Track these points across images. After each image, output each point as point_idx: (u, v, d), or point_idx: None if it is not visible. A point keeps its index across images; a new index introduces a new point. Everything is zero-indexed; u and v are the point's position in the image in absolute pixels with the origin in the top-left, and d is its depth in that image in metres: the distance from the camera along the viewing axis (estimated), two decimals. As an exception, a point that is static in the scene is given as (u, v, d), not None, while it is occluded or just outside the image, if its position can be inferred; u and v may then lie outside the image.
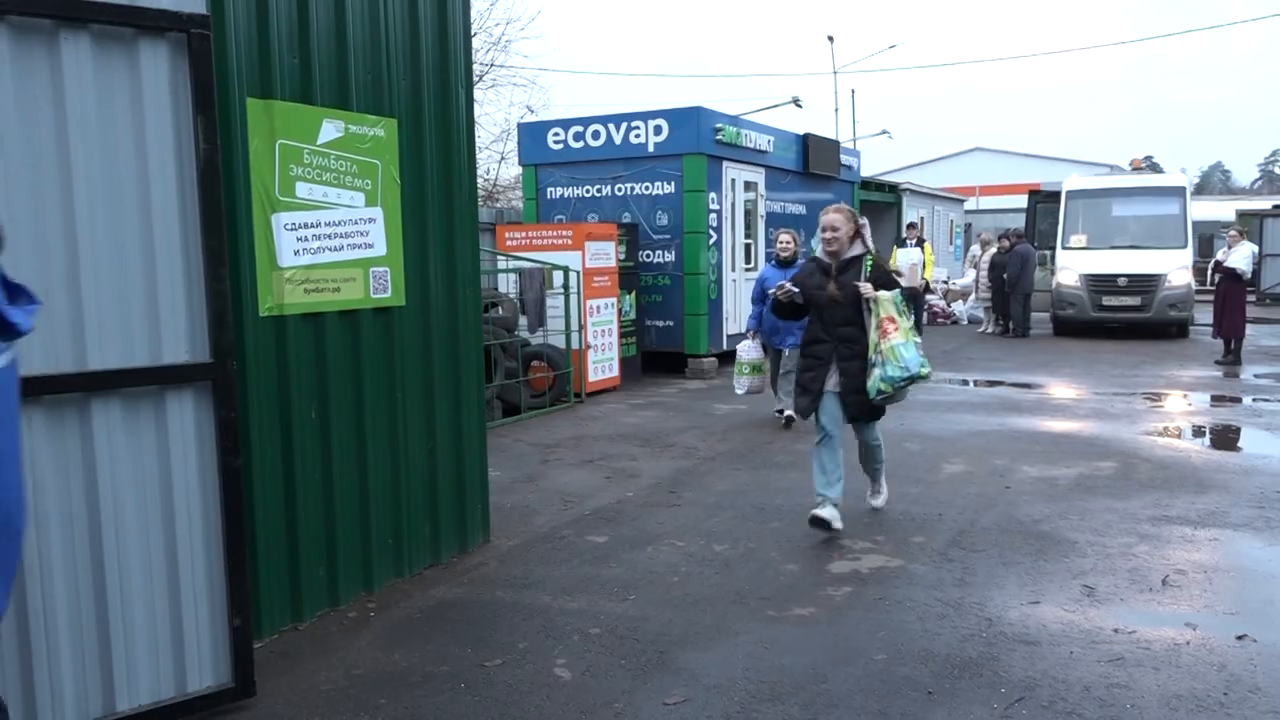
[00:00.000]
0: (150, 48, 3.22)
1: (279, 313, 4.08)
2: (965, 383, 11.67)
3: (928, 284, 15.68)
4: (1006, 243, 17.55)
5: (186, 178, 3.30)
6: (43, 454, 3.06)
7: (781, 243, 8.62)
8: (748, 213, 13.54)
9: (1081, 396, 10.34)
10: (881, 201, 20.22)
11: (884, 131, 34.14)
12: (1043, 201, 18.55)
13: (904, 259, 14.93)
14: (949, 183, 32.38)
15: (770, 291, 7.56)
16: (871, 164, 25.66)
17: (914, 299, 14.14)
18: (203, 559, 3.40)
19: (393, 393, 4.65)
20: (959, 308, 20.33)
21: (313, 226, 4.24)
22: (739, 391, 8.66)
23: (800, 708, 3.43)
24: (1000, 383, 11.54)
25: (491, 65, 24.09)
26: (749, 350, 8.62)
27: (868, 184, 19.16)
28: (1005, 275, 17.05)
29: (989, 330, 18.00)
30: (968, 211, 28.63)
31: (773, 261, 8.70)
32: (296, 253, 4.15)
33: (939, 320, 19.99)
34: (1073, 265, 16.60)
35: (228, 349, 3.37)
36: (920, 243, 15.45)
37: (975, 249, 19.25)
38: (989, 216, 30.55)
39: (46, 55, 3.03)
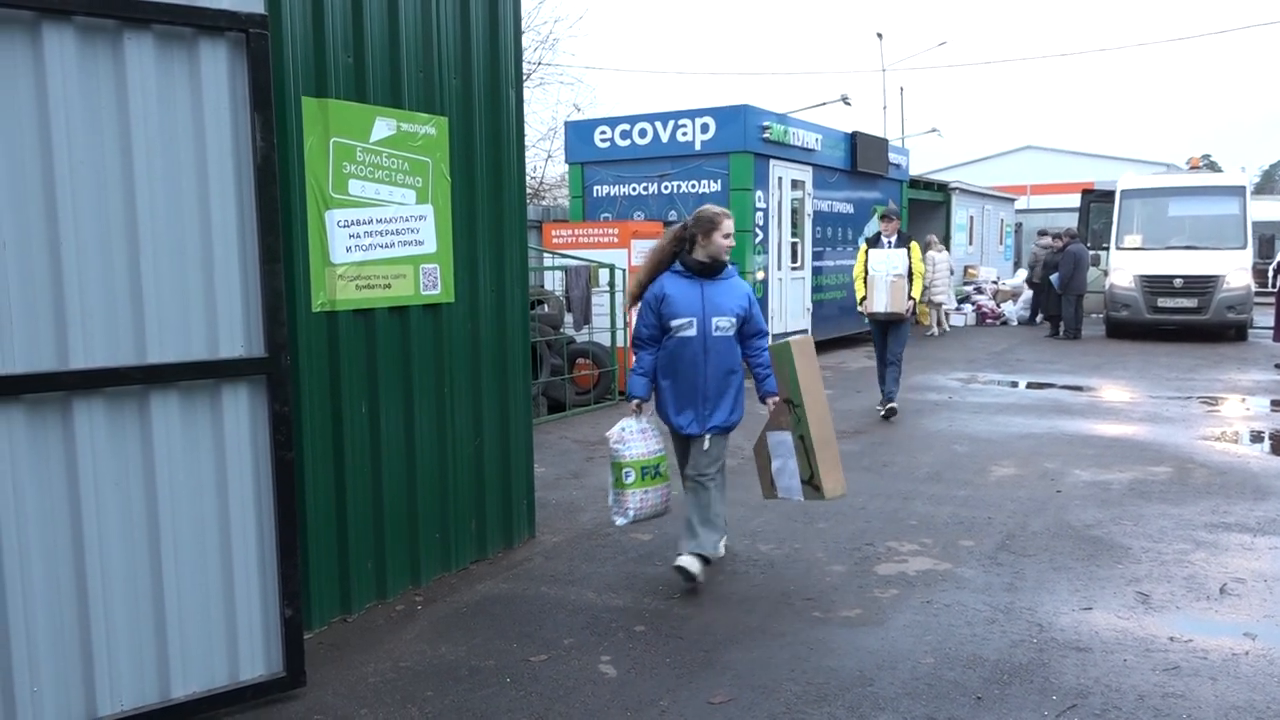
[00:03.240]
0: (210, 47, 3.28)
1: (331, 308, 4.14)
2: (1015, 384, 11.49)
3: (915, 307, 9.23)
4: (1058, 241, 17.26)
5: (244, 175, 3.36)
6: (103, 445, 3.13)
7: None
8: (794, 211, 13.46)
9: (1135, 400, 10.14)
10: (930, 200, 19.99)
11: (933, 129, 33.73)
12: (1096, 200, 18.20)
13: (881, 267, 9.00)
14: (999, 181, 31.93)
15: (673, 325, 4.47)
16: (920, 162, 25.39)
17: (894, 329, 9.13)
18: (255, 550, 3.46)
19: (441, 389, 4.69)
20: (1008, 308, 20.04)
21: (365, 223, 4.29)
22: (619, 520, 4.66)
23: (847, 710, 3.41)
24: (1050, 385, 11.34)
25: (539, 63, 24.22)
26: (635, 436, 4.58)
27: (916, 183, 18.95)
28: (1056, 276, 16.77)
29: (933, 331, 17.48)
30: (1019, 211, 28.18)
31: (676, 266, 4.60)
32: (349, 249, 4.21)
33: (988, 321, 19.73)
34: (1127, 266, 16.27)
35: (282, 344, 3.42)
36: (905, 240, 9.13)
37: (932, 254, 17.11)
38: (1040, 216, 30.05)
39: (110, 55, 3.10)
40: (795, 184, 13.41)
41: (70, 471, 3.08)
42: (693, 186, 12.51)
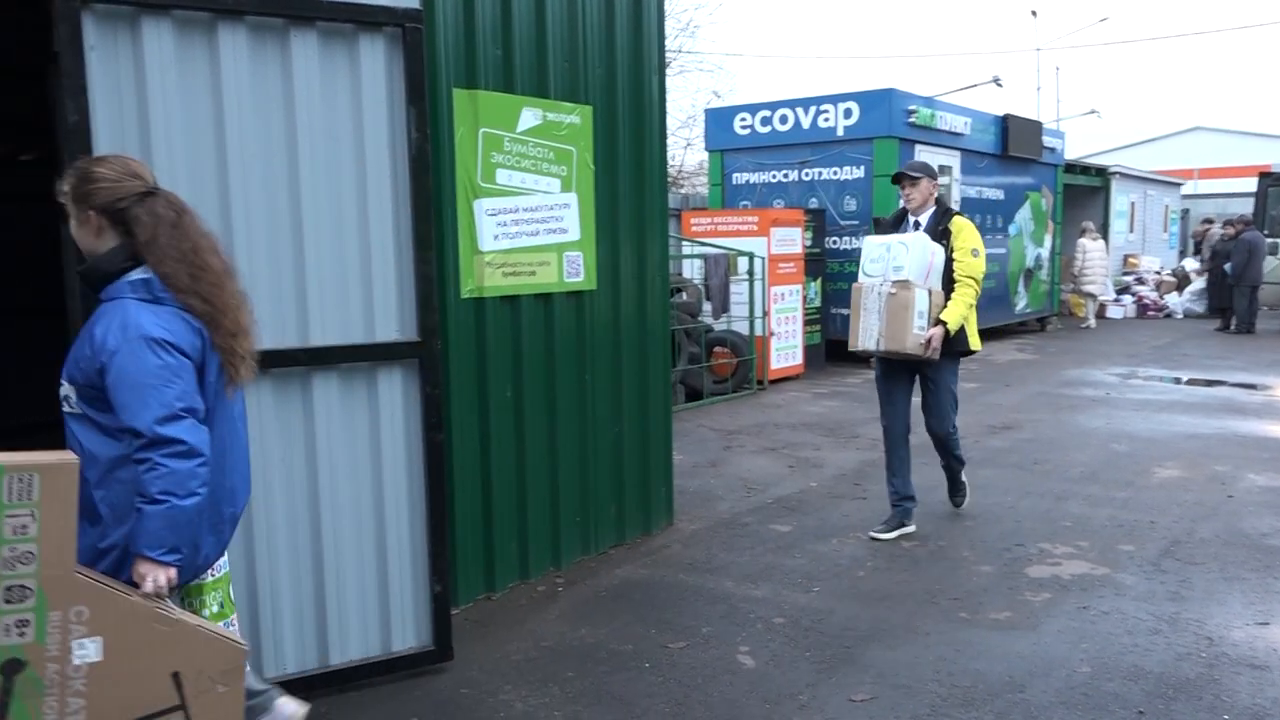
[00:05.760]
0: (369, 42, 3.40)
1: (479, 295, 4.24)
2: (1179, 381, 10.80)
3: (951, 337, 4.86)
4: (1231, 229, 16.11)
5: (399, 166, 3.47)
6: (270, 424, 3.30)
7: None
8: (941, 198, 13.01)
9: (1318, 399, 9.37)
10: (1088, 185, 18.96)
11: (1092, 111, 32.00)
12: (1275, 184, 16.89)
13: (877, 267, 4.97)
14: (1164, 165, 30.00)
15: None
16: (1077, 145, 24.10)
17: (930, 377, 5.11)
18: (407, 527, 3.59)
19: (582, 374, 4.75)
20: (1172, 300, 18.84)
21: (511, 212, 4.38)
22: None
23: (995, 716, 3.27)
24: (1220, 382, 10.60)
25: (679, 51, 24.23)
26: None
27: (1072, 167, 18.00)
28: (1228, 265, 15.66)
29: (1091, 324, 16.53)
30: (1185, 196, 26.43)
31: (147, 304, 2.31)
32: (496, 237, 4.30)
33: (1150, 313, 18.62)
34: (1310, 255, 15.03)
35: (433, 329, 3.53)
36: (943, 218, 5.11)
37: (1085, 241, 16.41)
38: (1209, 201, 28.10)
39: (278, 52, 3.25)
40: (942, 169, 12.95)
41: (240, 447, 3.26)
42: (834, 173, 12.26)
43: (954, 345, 4.94)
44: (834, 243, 12.21)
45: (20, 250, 6.75)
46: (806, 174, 12.51)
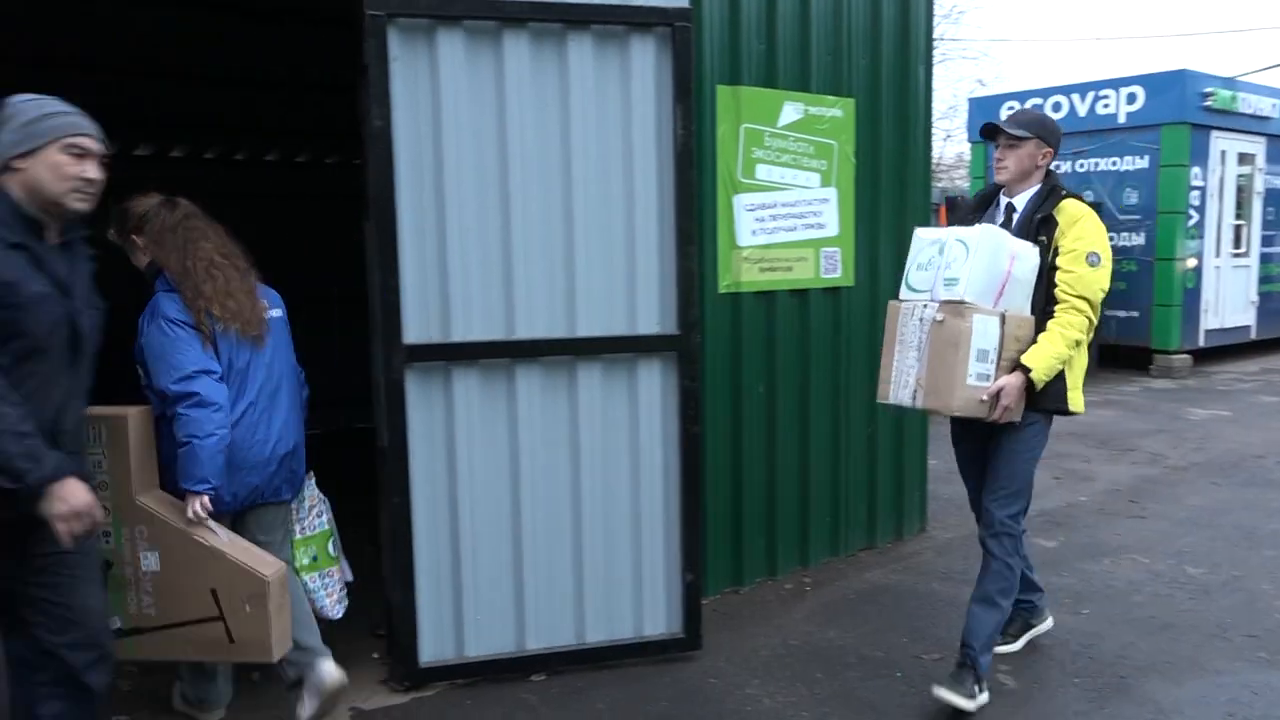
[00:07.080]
0: (639, 42, 3.50)
1: (735, 290, 4.27)
2: None
3: (1040, 390, 3.20)
4: None
5: (664, 162, 3.55)
6: (538, 409, 3.49)
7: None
8: (1240, 189, 11.70)
9: None
10: None
11: None
12: None
13: (923, 277, 3.31)
14: None
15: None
16: None
17: (1002, 441, 3.35)
18: (661, 516, 3.67)
19: (836, 373, 4.66)
20: None
21: (769, 207, 4.36)
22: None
23: (1304, 772, 2.91)
24: None
25: (942, 38, 23.24)
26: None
27: None
28: None
29: None
30: None
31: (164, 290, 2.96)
32: (754, 233, 4.31)
33: None
34: None
35: (693, 323, 3.59)
36: (1045, 203, 3.29)
37: None
38: None
39: (556, 55, 3.42)
40: (1243, 158, 11.64)
41: (511, 430, 3.47)
42: (1113, 163, 11.32)
43: (1040, 400, 3.26)
44: (1111, 239, 11.26)
45: (326, 243, 7.58)
46: (1081, 165, 11.63)
